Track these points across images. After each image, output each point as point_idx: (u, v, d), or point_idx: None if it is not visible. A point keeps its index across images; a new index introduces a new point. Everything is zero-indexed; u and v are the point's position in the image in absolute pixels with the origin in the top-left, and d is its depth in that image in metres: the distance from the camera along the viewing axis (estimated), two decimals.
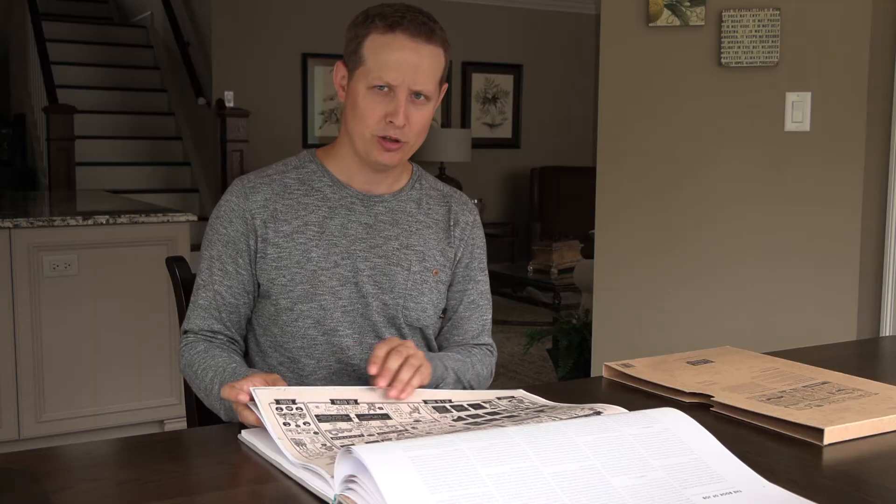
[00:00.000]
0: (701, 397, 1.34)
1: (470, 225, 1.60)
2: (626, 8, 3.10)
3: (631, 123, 3.17)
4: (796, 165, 2.95)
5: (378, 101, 1.41)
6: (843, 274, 2.91)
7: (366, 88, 1.41)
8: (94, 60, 7.37)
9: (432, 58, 1.43)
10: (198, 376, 1.41)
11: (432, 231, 1.55)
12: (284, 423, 1.10)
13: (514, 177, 7.85)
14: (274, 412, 1.10)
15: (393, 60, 1.40)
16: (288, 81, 6.80)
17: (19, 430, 3.28)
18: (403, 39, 1.40)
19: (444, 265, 1.55)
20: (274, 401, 1.13)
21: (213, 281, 1.48)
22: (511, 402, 1.30)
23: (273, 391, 1.15)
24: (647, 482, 0.94)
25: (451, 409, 1.25)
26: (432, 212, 1.57)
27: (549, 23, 7.86)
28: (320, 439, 1.09)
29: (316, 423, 1.12)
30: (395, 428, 1.16)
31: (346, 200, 1.50)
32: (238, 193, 1.49)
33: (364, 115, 1.42)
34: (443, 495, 0.85)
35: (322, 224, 1.48)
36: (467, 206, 1.62)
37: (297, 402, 1.14)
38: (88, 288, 3.37)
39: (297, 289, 1.46)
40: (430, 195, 1.58)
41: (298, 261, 1.46)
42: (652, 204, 3.15)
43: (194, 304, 1.49)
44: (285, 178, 1.51)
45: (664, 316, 3.15)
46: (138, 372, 3.47)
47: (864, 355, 1.89)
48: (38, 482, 1.00)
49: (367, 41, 1.41)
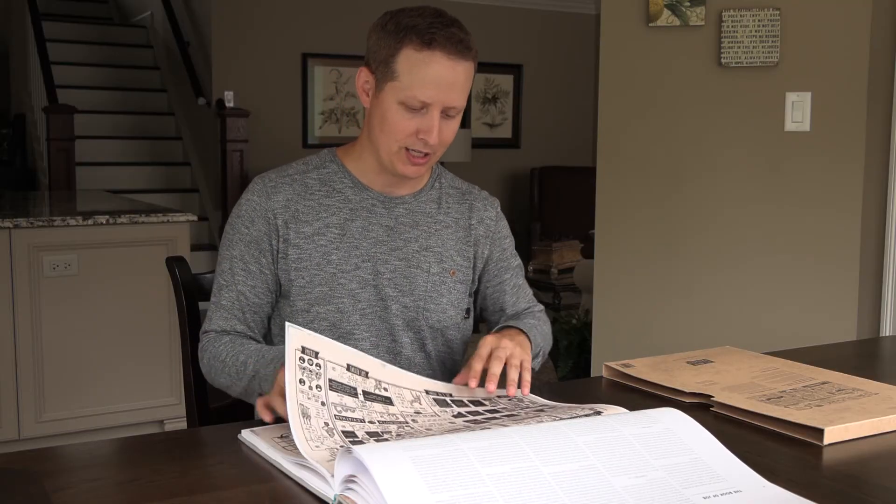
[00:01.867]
0: (701, 397, 1.34)
1: (493, 220, 1.60)
2: (626, 8, 3.10)
3: (631, 123, 3.17)
4: (796, 165, 2.95)
5: (410, 118, 1.39)
6: (843, 274, 2.91)
7: (397, 103, 1.39)
8: (94, 60, 7.37)
9: (467, 73, 1.41)
10: (227, 365, 1.39)
11: (451, 231, 1.55)
12: (300, 380, 1.09)
13: (514, 177, 7.85)
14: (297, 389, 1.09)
15: (429, 79, 1.37)
16: (288, 81, 6.80)
17: (19, 430, 3.28)
18: (440, 58, 1.37)
19: (462, 265, 1.55)
20: (300, 348, 1.12)
21: (236, 281, 1.46)
22: (511, 402, 1.30)
23: (304, 334, 1.14)
24: (647, 482, 0.94)
25: (451, 404, 1.25)
26: (452, 211, 1.56)
27: (549, 23, 7.86)
28: (325, 414, 1.09)
29: (326, 391, 1.12)
30: (396, 418, 1.16)
31: (368, 202, 1.49)
32: (260, 193, 1.48)
33: (393, 129, 1.41)
34: (443, 495, 0.85)
35: (343, 226, 1.47)
36: (488, 200, 1.61)
37: (319, 358, 1.14)
38: (88, 288, 3.37)
39: (315, 291, 1.45)
40: (450, 194, 1.58)
41: (318, 263, 1.45)
42: (652, 204, 3.15)
43: (216, 304, 1.48)
44: (306, 178, 1.50)
45: (664, 316, 3.15)
46: (138, 372, 3.47)
47: (864, 355, 1.89)
48: (37, 482, 1.00)
49: (401, 56, 1.38)
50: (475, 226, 1.57)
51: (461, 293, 1.54)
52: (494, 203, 1.62)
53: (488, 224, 1.58)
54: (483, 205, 1.59)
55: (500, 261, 1.60)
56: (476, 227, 1.57)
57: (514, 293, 1.61)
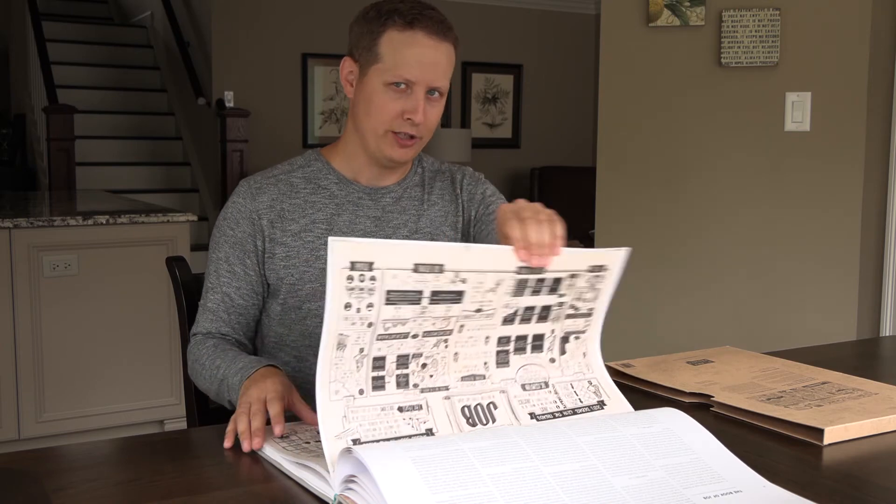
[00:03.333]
0: (701, 397, 1.34)
1: (473, 183, 1.60)
2: (626, 8, 3.10)
3: (631, 123, 3.17)
4: (796, 165, 2.95)
5: (395, 98, 1.42)
6: (843, 274, 2.91)
7: (382, 85, 1.41)
8: (94, 60, 7.37)
9: (448, 55, 1.44)
10: (205, 367, 1.40)
11: (438, 207, 1.56)
12: (345, 304, 0.99)
13: (514, 177, 7.85)
14: None
15: (413, 58, 1.40)
16: (288, 81, 6.79)
17: (19, 430, 3.28)
18: (422, 37, 1.41)
19: (455, 238, 1.56)
20: (349, 265, 0.98)
21: (221, 283, 1.47)
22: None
23: (353, 245, 0.99)
24: (647, 482, 0.94)
25: (524, 290, 1.12)
26: (436, 189, 1.58)
27: (549, 23, 7.86)
28: (365, 339, 1.02)
29: (380, 307, 1.01)
30: (445, 327, 1.08)
31: (354, 196, 1.51)
32: (244, 195, 1.49)
33: (380, 111, 1.43)
34: (443, 496, 0.85)
35: (330, 221, 1.48)
36: (467, 171, 1.63)
37: (374, 269, 0.99)
38: (88, 288, 3.37)
39: (306, 287, 1.45)
40: (432, 174, 1.60)
41: (307, 259, 1.46)
42: (652, 203, 3.15)
43: (203, 307, 1.49)
44: (291, 177, 1.51)
45: (664, 316, 3.15)
46: (138, 372, 3.47)
47: (864, 355, 1.89)
48: (37, 482, 1.00)
49: (384, 38, 1.41)
50: (460, 194, 1.59)
51: None
52: (476, 173, 1.64)
53: (469, 188, 1.59)
54: (464, 174, 1.62)
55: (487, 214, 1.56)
56: (460, 195, 1.59)
57: None
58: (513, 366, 1.18)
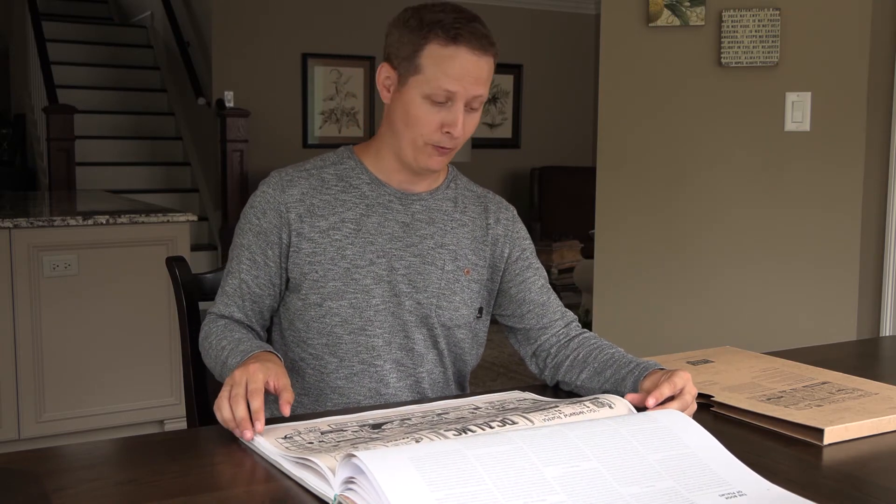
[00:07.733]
0: (701, 397, 1.34)
1: (511, 220, 1.60)
2: (626, 8, 3.10)
3: (631, 123, 3.17)
4: (796, 165, 2.95)
5: (434, 111, 1.41)
6: (843, 274, 2.91)
7: (421, 97, 1.41)
8: (94, 60, 7.37)
9: (489, 67, 1.45)
10: (212, 346, 1.42)
11: (467, 230, 1.55)
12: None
13: (514, 177, 7.85)
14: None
15: (455, 73, 1.40)
16: (288, 81, 6.80)
17: (19, 430, 3.28)
18: (466, 52, 1.40)
19: (477, 264, 1.55)
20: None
21: (241, 269, 1.48)
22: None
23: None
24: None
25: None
26: (468, 210, 1.57)
27: (549, 23, 7.86)
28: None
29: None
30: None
31: (384, 199, 1.50)
32: (275, 185, 1.49)
33: (418, 123, 1.42)
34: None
35: (359, 221, 1.48)
36: (503, 204, 1.63)
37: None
38: (88, 288, 3.37)
39: (329, 285, 1.45)
40: (466, 196, 1.59)
41: (332, 257, 1.46)
42: (652, 203, 3.15)
43: (221, 289, 1.51)
44: (323, 173, 1.51)
45: (664, 316, 3.15)
46: (138, 372, 3.47)
47: (864, 355, 1.89)
48: (37, 482, 1.00)
49: (426, 51, 1.40)
50: (492, 225, 1.57)
51: (474, 292, 1.54)
52: (511, 207, 1.64)
53: (506, 224, 1.59)
54: (498, 207, 1.60)
55: (521, 259, 1.59)
56: (493, 226, 1.57)
57: (542, 293, 1.58)
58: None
